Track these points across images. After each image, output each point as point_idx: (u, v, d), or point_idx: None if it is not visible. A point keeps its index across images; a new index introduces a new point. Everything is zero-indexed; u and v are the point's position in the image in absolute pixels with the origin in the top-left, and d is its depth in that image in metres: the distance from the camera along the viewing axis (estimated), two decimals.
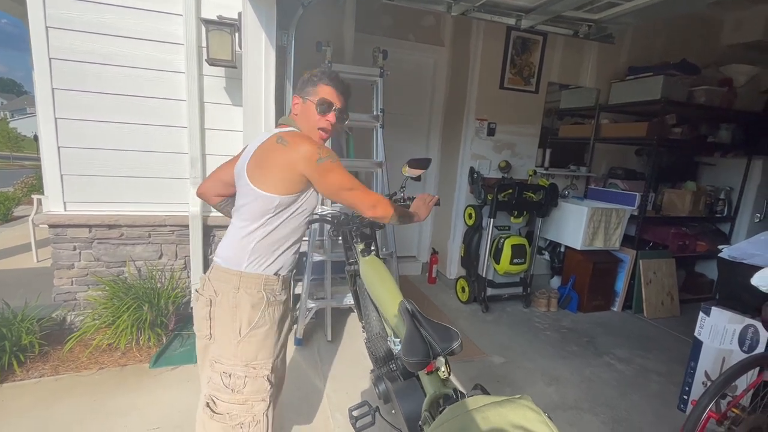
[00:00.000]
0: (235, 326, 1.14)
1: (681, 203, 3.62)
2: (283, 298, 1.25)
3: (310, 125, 1.25)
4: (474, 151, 3.56)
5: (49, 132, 2.33)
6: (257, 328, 1.16)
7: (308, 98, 1.24)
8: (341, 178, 1.16)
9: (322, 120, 1.25)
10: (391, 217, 1.23)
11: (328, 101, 1.24)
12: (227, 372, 1.15)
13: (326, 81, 1.25)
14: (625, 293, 3.48)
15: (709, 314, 2.01)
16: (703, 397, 1.42)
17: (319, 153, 1.13)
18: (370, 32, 3.41)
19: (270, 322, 1.19)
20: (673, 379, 2.45)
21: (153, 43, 2.36)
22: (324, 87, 1.24)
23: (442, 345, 0.96)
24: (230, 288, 1.15)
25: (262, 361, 1.18)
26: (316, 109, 1.23)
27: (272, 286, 1.20)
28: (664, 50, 3.84)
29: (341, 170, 1.16)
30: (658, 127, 3.29)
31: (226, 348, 1.16)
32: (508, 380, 2.35)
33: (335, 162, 1.16)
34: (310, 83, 1.26)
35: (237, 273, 1.16)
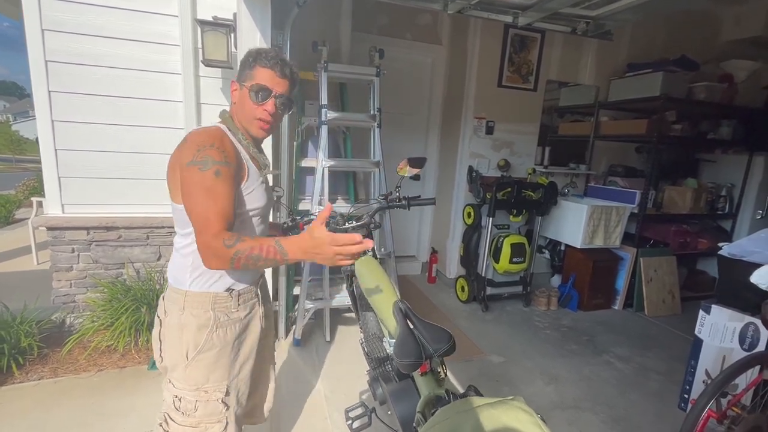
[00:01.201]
0: (183, 349, 1.05)
1: (682, 200, 3.60)
2: (242, 315, 1.13)
3: (247, 115, 1.07)
4: (472, 149, 3.55)
5: (46, 134, 2.33)
6: (205, 352, 1.06)
7: (244, 84, 1.07)
8: (189, 192, 0.94)
9: (258, 109, 1.06)
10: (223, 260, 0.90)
11: (264, 87, 1.05)
12: (178, 395, 1.07)
13: (263, 62, 1.05)
14: (625, 291, 3.46)
15: (710, 312, 2.00)
16: (703, 396, 1.40)
17: (195, 155, 0.95)
18: (367, 31, 3.40)
19: (221, 344, 1.08)
20: (673, 377, 2.44)
21: (149, 45, 2.36)
22: (261, 70, 1.05)
23: (434, 346, 0.95)
24: (177, 308, 1.06)
25: (215, 384, 1.09)
26: (250, 96, 1.05)
27: (224, 304, 1.09)
28: (664, 46, 3.82)
29: (201, 183, 0.93)
30: (657, 124, 3.27)
31: (175, 370, 1.07)
32: (506, 379, 2.35)
33: (205, 170, 0.93)
34: (246, 66, 1.07)
35: (182, 292, 1.06)
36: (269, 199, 1.20)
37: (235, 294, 1.11)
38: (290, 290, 2.69)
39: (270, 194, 1.23)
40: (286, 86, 1.09)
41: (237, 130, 1.09)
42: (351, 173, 2.95)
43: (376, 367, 1.38)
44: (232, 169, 0.99)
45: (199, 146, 0.96)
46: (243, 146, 1.09)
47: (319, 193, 2.50)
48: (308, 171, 2.71)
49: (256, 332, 1.19)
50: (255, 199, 1.09)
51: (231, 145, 1.03)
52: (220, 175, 0.95)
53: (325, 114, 2.48)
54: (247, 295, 1.15)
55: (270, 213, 1.30)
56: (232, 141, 1.05)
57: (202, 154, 0.94)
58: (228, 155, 0.99)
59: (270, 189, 1.25)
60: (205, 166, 0.94)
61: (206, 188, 0.93)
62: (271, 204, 1.27)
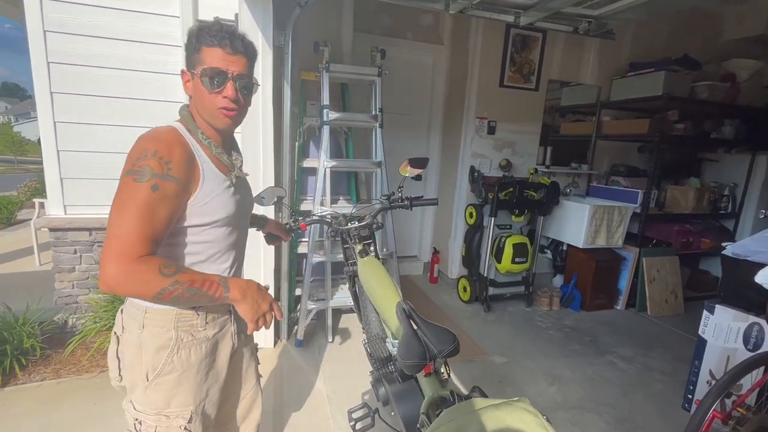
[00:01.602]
0: (141, 370, 0.94)
1: (684, 200, 3.59)
2: (210, 334, 1.01)
3: (207, 107, 0.92)
4: (474, 149, 3.54)
5: (48, 135, 2.34)
6: (165, 375, 0.94)
7: (194, 71, 0.90)
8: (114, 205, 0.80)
9: (218, 98, 0.90)
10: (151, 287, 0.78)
11: (218, 69, 0.88)
12: (138, 418, 0.96)
13: (209, 41, 0.88)
14: (628, 291, 3.45)
15: (713, 312, 1.99)
16: (707, 397, 1.40)
17: (134, 163, 0.82)
18: (369, 31, 3.40)
19: (182, 367, 0.95)
20: (677, 378, 2.43)
21: (150, 46, 2.36)
22: (208, 50, 0.88)
23: (438, 347, 0.94)
24: (136, 325, 0.94)
25: (177, 409, 0.97)
26: (203, 83, 0.89)
27: (189, 323, 0.96)
28: (666, 46, 3.81)
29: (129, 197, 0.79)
30: (660, 123, 3.26)
31: (134, 392, 0.96)
32: (509, 380, 2.34)
33: (140, 182, 0.80)
34: (191, 49, 0.91)
35: (142, 308, 0.94)
36: (242, 204, 1.05)
37: (202, 311, 0.98)
38: (292, 291, 2.69)
39: (245, 198, 1.09)
40: (243, 63, 0.92)
41: (197, 128, 0.94)
42: (353, 173, 2.94)
43: (379, 368, 1.38)
44: (175, 184, 0.84)
45: (141, 153, 0.82)
46: (204, 147, 0.94)
47: (320, 194, 2.50)
48: (310, 171, 2.71)
49: (227, 352, 1.07)
50: (217, 208, 0.95)
51: (183, 151, 0.87)
52: (158, 191, 0.81)
53: (326, 114, 2.48)
54: (217, 312, 1.02)
55: (247, 220, 1.17)
56: (187, 144, 0.90)
57: (141, 163, 0.81)
58: (174, 166, 0.84)
59: (245, 192, 1.11)
60: (142, 177, 0.80)
61: (138, 204, 0.79)
62: (247, 209, 1.14)
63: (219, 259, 1.01)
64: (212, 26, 0.89)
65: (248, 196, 1.14)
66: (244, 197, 1.07)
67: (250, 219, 1.20)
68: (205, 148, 0.95)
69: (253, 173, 2.26)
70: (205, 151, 0.94)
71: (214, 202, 0.94)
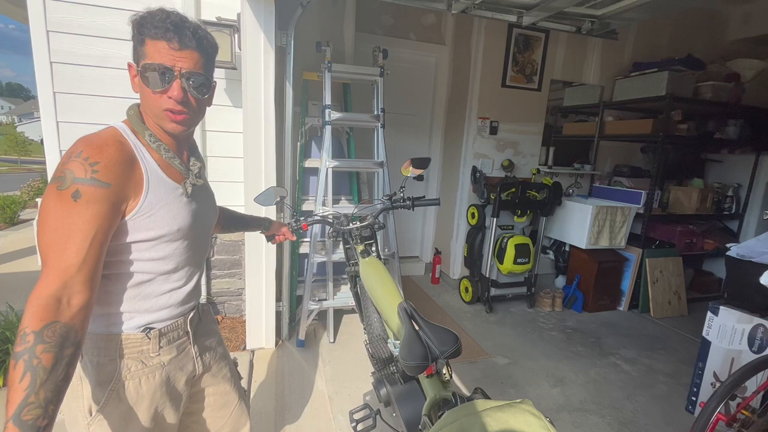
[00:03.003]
0: (83, 404, 0.81)
1: (688, 201, 3.57)
2: (166, 359, 0.88)
3: (151, 107, 0.81)
4: (476, 150, 3.53)
5: (51, 135, 2.34)
6: (111, 409, 0.81)
7: (141, 63, 0.79)
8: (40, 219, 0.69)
9: (162, 98, 0.79)
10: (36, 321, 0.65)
11: (162, 66, 0.77)
12: None
13: (152, 32, 0.76)
14: (631, 292, 3.43)
15: (717, 314, 1.97)
16: (712, 400, 1.38)
17: (59, 168, 0.71)
18: (371, 31, 3.39)
19: (132, 399, 0.83)
20: (680, 380, 2.41)
21: None
22: (152, 43, 0.77)
23: (440, 348, 0.94)
24: None
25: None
26: (143, 80, 0.79)
27: (138, 349, 0.84)
28: (670, 46, 3.79)
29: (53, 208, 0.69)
30: (663, 123, 3.24)
31: (76, 429, 0.83)
32: (512, 381, 2.33)
33: (63, 189, 0.68)
34: (135, 41, 0.80)
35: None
36: (200, 214, 0.92)
37: (154, 334, 0.86)
38: (294, 291, 2.68)
39: (204, 208, 0.95)
40: (195, 59, 0.80)
41: (144, 128, 0.83)
42: (354, 174, 2.94)
43: (380, 369, 1.37)
44: (102, 189, 0.71)
45: (67, 156, 0.72)
46: (151, 151, 0.83)
47: (322, 194, 2.49)
48: (312, 171, 2.71)
49: (186, 378, 0.94)
50: (167, 219, 0.82)
51: (117, 153, 0.75)
52: (80, 198, 0.69)
53: (328, 114, 2.47)
54: (173, 334, 0.90)
55: (209, 231, 1.02)
56: (126, 146, 0.79)
57: (64, 167, 0.70)
58: (102, 168, 0.72)
59: (206, 200, 0.98)
60: (64, 183, 0.69)
61: (57, 215, 0.68)
62: (208, 220, 1.00)
63: (172, 276, 0.88)
64: (156, 15, 0.77)
65: (209, 205, 1.00)
66: (203, 206, 0.94)
67: (212, 229, 1.06)
68: (152, 152, 0.83)
69: (254, 173, 2.27)
70: (152, 155, 0.83)
71: (163, 212, 0.82)
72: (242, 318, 2.73)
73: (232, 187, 2.58)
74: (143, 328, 0.85)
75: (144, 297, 0.84)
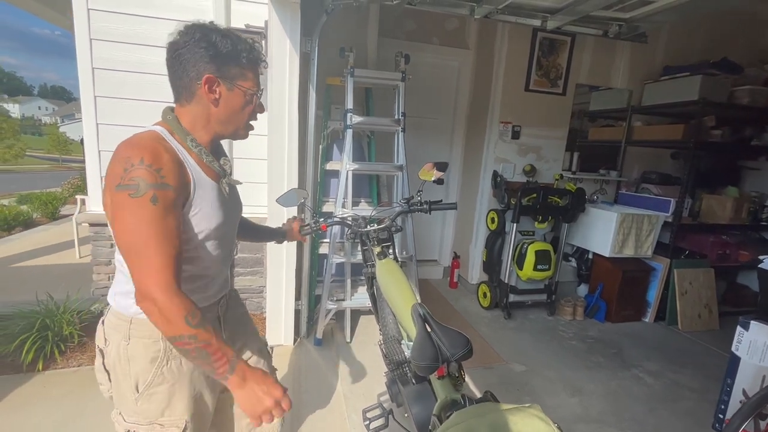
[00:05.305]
0: (130, 382, 0.91)
1: (721, 210, 3.42)
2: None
3: (235, 120, 0.93)
4: (498, 154, 3.51)
5: (91, 136, 2.50)
6: (156, 386, 0.92)
7: (238, 84, 0.89)
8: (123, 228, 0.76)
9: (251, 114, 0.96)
10: (169, 338, 0.77)
11: (259, 90, 0.94)
12: (130, 430, 0.94)
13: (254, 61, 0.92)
14: (657, 304, 3.32)
15: (748, 329, 1.89)
16: (736, 417, 1.33)
17: (123, 176, 0.76)
18: (394, 36, 3.43)
19: (173, 378, 0.93)
20: (708, 396, 2.31)
21: None
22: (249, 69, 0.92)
23: (451, 350, 0.95)
24: (120, 337, 0.91)
25: (171, 418, 0.94)
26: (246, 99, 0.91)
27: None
28: (704, 49, 3.65)
29: (134, 215, 0.75)
30: (695, 129, 3.12)
31: (123, 404, 0.94)
32: (528, 389, 2.30)
33: (138, 197, 0.75)
34: (234, 60, 0.88)
35: (127, 319, 0.91)
36: (230, 214, 0.99)
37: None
38: (313, 290, 2.74)
39: (233, 208, 1.03)
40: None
41: (186, 133, 0.90)
42: (374, 177, 2.98)
43: (393, 369, 1.40)
44: (171, 192, 0.79)
45: (126, 164, 0.77)
46: (191, 153, 0.89)
47: (342, 196, 2.54)
48: (333, 174, 2.76)
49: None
50: (206, 218, 0.90)
51: (169, 156, 0.82)
52: (158, 203, 0.76)
53: (350, 118, 2.52)
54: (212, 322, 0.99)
55: (235, 231, 1.09)
56: (173, 149, 0.85)
57: (131, 175, 0.75)
58: (165, 172, 0.79)
59: (236, 201, 1.06)
60: (138, 191, 0.75)
61: (143, 220, 0.75)
62: (235, 220, 1.07)
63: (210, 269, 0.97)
64: (251, 48, 0.91)
65: (238, 203, 1.09)
66: (234, 203, 1.03)
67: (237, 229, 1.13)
68: (192, 154, 0.90)
69: (278, 175, 2.34)
70: (192, 157, 0.89)
71: (205, 210, 0.89)
72: (263, 315, 2.81)
73: (254, 188, 2.67)
74: None
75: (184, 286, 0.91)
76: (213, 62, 0.86)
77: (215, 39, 0.86)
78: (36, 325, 2.22)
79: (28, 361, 2.11)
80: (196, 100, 0.89)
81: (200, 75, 0.86)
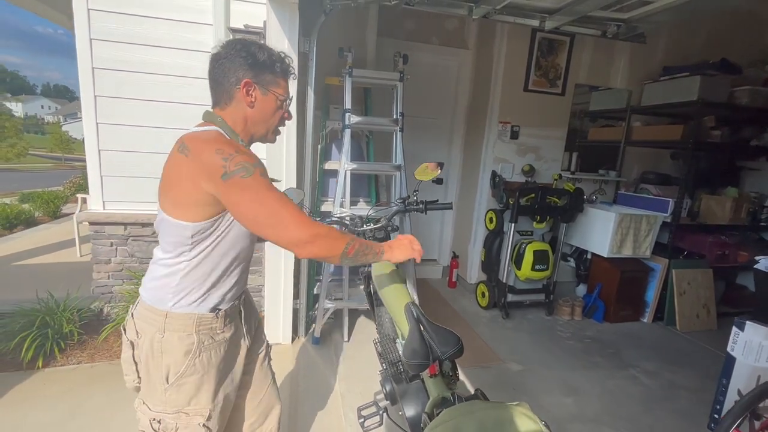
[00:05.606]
0: (161, 373, 0.97)
1: (720, 210, 3.41)
2: (227, 336, 1.05)
3: (267, 122, 1.03)
4: (496, 154, 3.52)
5: (91, 136, 2.51)
6: (187, 376, 0.98)
7: (271, 90, 1.00)
8: (260, 204, 0.87)
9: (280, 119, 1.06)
10: (340, 256, 0.95)
11: (290, 97, 1.06)
12: (156, 418, 0.99)
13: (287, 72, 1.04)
14: (656, 304, 3.32)
15: (743, 329, 1.89)
16: (728, 416, 1.34)
17: (225, 165, 0.85)
18: (393, 36, 3.44)
19: (203, 369, 0.99)
20: (704, 396, 2.32)
21: (185, 52, 2.50)
22: (283, 78, 1.04)
23: (442, 348, 0.96)
24: (154, 331, 0.97)
25: (196, 407, 1.00)
26: (277, 104, 1.02)
27: (209, 326, 1.00)
28: (704, 49, 3.65)
29: (259, 190, 0.87)
30: (694, 129, 3.12)
31: (151, 394, 0.99)
32: (524, 388, 2.31)
33: (251, 176, 0.86)
34: (270, 69, 0.99)
35: (162, 313, 0.97)
36: None
37: (221, 314, 1.02)
38: (311, 290, 2.75)
39: None
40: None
41: (236, 135, 1.00)
42: (373, 176, 2.99)
43: (388, 368, 1.41)
44: (265, 169, 0.93)
45: (221, 155, 0.86)
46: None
47: (341, 196, 2.55)
48: (331, 173, 2.77)
49: (243, 353, 1.13)
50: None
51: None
52: (265, 176, 0.90)
53: (348, 118, 2.53)
54: (232, 314, 1.07)
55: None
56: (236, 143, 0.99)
57: (234, 162, 0.86)
58: (254, 156, 0.93)
59: None
60: (247, 171, 0.86)
61: (269, 190, 0.88)
62: None
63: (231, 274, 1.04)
64: (283, 59, 1.03)
65: None
66: None
67: None
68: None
69: (276, 174, 2.35)
70: None
71: None
72: (261, 313, 2.82)
73: None
74: (213, 308, 1.01)
75: (217, 281, 1.01)
76: (251, 69, 0.97)
77: (253, 50, 0.97)
78: (36, 323, 2.24)
79: (28, 359, 2.13)
80: (234, 103, 0.99)
81: (239, 80, 0.96)
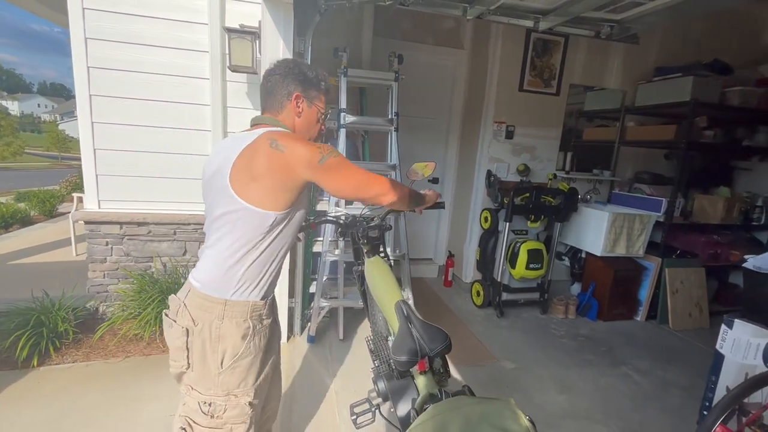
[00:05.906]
0: (217, 357, 1.04)
1: (713, 210, 3.45)
2: (269, 322, 1.16)
3: (308, 131, 1.21)
4: (492, 154, 3.54)
5: (86, 135, 2.51)
6: (242, 359, 1.06)
7: (314, 103, 1.18)
8: (350, 175, 1.07)
9: (318, 130, 1.24)
10: (408, 202, 1.25)
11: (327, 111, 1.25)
12: (206, 401, 1.06)
13: (326, 90, 1.22)
14: (649, 303, 3.35)
15: (732, 327, 1.91)
16: (714, 410, 1.36)
17: (320, 151, 1.02)
18: (389, 36, 3.45)
19: (255, 351, 1.09)
20: (695, 393, 2.34)
21: (180, 51, 2.50)
22: (321, 95, 1.21)
23: (430, 345, 0.98)
24: (213, 318, 1.04)
25: (245, 389, 1.09)
26: (318, 117, 1.20)
27: (259, 312, 1.10)
28: (697, 50, 3.67)
29: (347, 165, 1.07)
30: (687, 129, 3.15)
31: (204, 378, 1.06)
32: (517, 386, 2.33)
33: (338, 156, 1.06)
34: (315, 86, 1.17)
35: (221, 301, 1.04)
36: None
37: (269, 301, 1.15)
38: (306, 288, 2.77)
39: None
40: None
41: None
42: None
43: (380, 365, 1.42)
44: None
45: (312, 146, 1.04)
46: None
47: None
48: None
49: (278, 337, 1.28)
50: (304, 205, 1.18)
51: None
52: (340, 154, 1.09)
53: (343, 118, 2.55)
54: (272, 302, 1.20)
55: None
56: None
57: (322, 150, 1.03)
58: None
59: None
60: (333, 153, 1.04)
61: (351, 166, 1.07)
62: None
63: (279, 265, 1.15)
64: (325, 79, 1.20)
65: None
66: None
67: None
68: None
69: None
70: None
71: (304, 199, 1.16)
72: None
73: None
74: (263, 296, 1.11)
75: (272, 270, 1.11)
76: (301, 84, 1.15)
77: (304, 69, 1.16)
78: (31, 322, 2.24)
79: (22, 358, 2.14)
80: (285, 112, 1.16)
81: (291, 93, 1.14)
